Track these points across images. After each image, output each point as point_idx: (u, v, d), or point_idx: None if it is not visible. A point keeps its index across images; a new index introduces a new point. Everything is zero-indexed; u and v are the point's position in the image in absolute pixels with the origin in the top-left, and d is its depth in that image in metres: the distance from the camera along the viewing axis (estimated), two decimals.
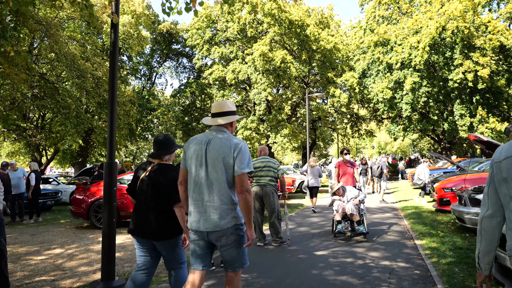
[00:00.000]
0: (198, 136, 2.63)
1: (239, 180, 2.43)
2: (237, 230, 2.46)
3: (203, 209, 2.45)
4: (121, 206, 8.37)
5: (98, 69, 18.68)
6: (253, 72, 22.17)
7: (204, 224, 2.44)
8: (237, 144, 2.48)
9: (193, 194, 2.51)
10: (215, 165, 2.44)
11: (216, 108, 2.66)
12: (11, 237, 7.57)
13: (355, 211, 6.27)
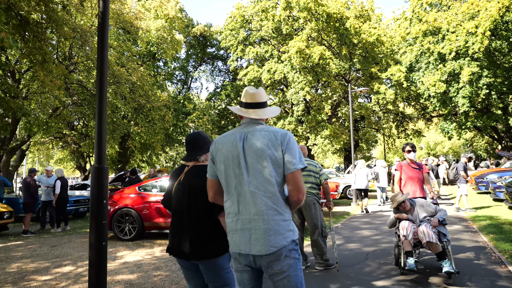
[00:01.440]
0: (227, 134, 2.09)
1: (293, 180, 1.93)
2: (292, 252, 1.93)
3: (248, 225, 1.93)
4: (145, 215, 7.60)
5: (132, 74, 18.49)
6: (289, 71, 21.07)
7: (251, 245, 1.91)
8: (284, 134, 1.99)
9: (232, 208, 1.99)
10: (259, 165, 1.94)
11: (252, 97, 2.11)
12: (30, 249, 7.02)
13: (434, 238, 4.20)
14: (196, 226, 2.29)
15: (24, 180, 9.17)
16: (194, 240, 2.27)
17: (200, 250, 2.26)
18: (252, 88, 2.15)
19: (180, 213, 2.37)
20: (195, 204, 2.32)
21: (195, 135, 2.51)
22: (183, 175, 2.45)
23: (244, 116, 2.11)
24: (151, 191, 7.94)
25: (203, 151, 2.47)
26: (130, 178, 11.76)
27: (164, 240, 7.58)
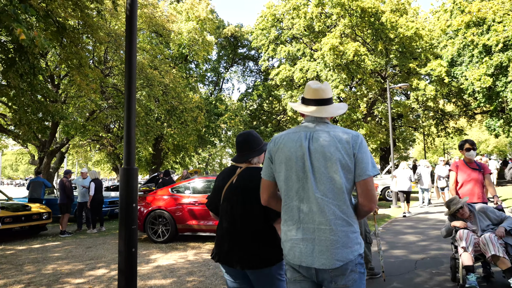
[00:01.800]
0: (289, 132, 1.89)
1: (365, 188, 1.74)
2: (358, 266, 1.73)
3: (311, 235, 1.73)
4: (178, 218, 7.45)
5: (165, 77, 18.67)
6: (322, 69, 20.51)
7: (314, 257, 1.71)
8: (356, 136, 1.79)
9: (291, 215, 1.80)
10: (327, 169, 1.74)
11: (316, 93, 1.90)
12: (66, 250, 7.04)
13: (500, 251, 3.60)
14: (251, 233, 2.12)
15: (60, 181, 9.32)
16: (248, 247, 2.10)
17: (254, 259, 2.08)
18: (316, 83, 1.92)
19: (232, 218, 2.19)
20: (250, 209, 2.15)
21: (248, 135, 2.33)
22: (236, 177, 2.26)
23: (307, 114, 1.89)
24: (183, 193, 7.78)
25: (256, 153, 2.29)
26: (164, 179, 11.77)
27: (197, 243, 7.39)
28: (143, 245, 7.33)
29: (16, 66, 9.87)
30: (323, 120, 1.88)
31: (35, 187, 11.36)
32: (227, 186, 2.27)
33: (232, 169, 2.36)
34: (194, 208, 7.38)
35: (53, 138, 18.14)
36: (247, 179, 2.21)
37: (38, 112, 11.22)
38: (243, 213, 2.15)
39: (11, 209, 8.62)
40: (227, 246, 2.16)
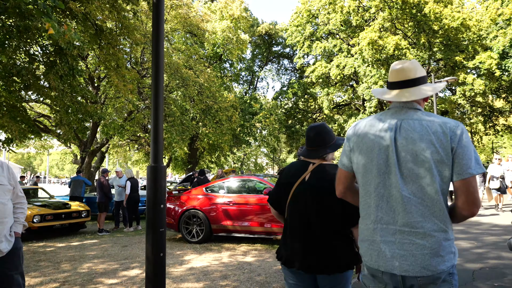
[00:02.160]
0: (372, 119, 1.67)
1: (466, 189, 1.45)
2: (451, 276, 1.49)
3: (392, 237, 1.52)
4: (213, 218, 7.26)
5: (200, 76, 18.73)
6: (360, 65, 19.75)
7: (394, 263, 1.50)
8: (455, 126, 1.49)
9: (367, 212, 1.61)
10: (417, 165, 1.49)
11: (400, 73, 1.62)
12: (103, 248, 7.06)
13: None
14: (328, 235, 1.97)
15: (98, 180, 9.46)
16: (325, 251, 1.95)
17: (331, 263, 1.93)
18: (400, 62, 1.65)
19: (306, 218, 2.02)
20: (327, 210, 1.98)
21: (322, 128, 2.13)
22: (309, 174, 2.07)
23: (392, 101, 1.64)
24: (218, 192, 7.59)
25: (332, 148, 2.10)
26: (198, 178, 11.69)
27: (231, 244, 7.16)
28: (177, 245, 7.20)
29: (56, 68, 10.13)
30: (413, 106, 1.60)
31: (76, 186, 11.68)
32: (297, 183, 2.06)
33: (302, 165, 2.15)
34: (229, 208, 7.16)
35: (93, 138, 18.72)
36: (322, 177, 2.03)
37: (78, 112, 11.50)
38: (319, 214, 1.99)
39: (52, 207, 8.84)
40: (300, 248, 1.99)
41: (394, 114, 1.61)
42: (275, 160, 52.13)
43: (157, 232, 2.57)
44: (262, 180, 7.45)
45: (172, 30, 20.67)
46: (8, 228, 2.64)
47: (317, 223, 1.98)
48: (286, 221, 2.12)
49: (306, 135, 2.17)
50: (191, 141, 22.06)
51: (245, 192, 7.59)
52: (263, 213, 6.85)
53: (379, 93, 1.72)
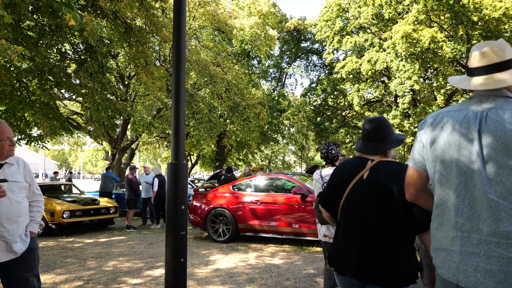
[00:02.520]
0: (450, 110, 1.40)
1: None
2: None
3: (475, 248, 1.26)
4: (239, 217, 7.04)
5: (227, 73, 18.61)
6: (393, 59, 18.95)
7: (487, 280, 1.22)
8: None
9: (445, 217, 1.36)
10: (508, 163, 1.20)
11: (485, 57, 1.35)
12: (129, 245, 7.01)
13: None
14: (391, 241, 1.75)
15: (126, 177, 9.48)
16: (387, 259, 1.74)
17: (394, 274, 1.72)
18: (483, 44, 1.38)
19: (365, 221, 1.81)
20: (390, 213, 1.76)
21: (382, 121, 1.95)
22: (367, 172, 1.87)
23: (475, 90, 1.39)
24: (245, 191, 7.36)
25: (394, 144, 1.90)
26: (226, 176, 11.55)
27: (259, 244, 6.91)
28: (203, 244, 7.04)
29: (86, 66, 10.25)
30: (502, 94, 1.33)
31: (106, 182, 11.82)
32: (354, 182, 1.87)
33: (359, 161, 1.94)
34: (256, 207, 6.92)
35: (124, 136, 19.04)
36: (384, 176, 1.82)
37: (108, 110, 11.63)
38: (378, 217, 1.77)
39: (82, 203, 8.93)
40: (354, 254, 1.79)
41: (477, 103, 1.35)
42: (303, 158, 51.53)
43: (177, 235, 2.35)
44: (291, 179, 7.14)
45: (200, 28, 20.66)
46: (23, 227, 2.50)
47: (375, 227, 1.77)
48: (339, 224, 1.93)
49: (364, 129, 1.98)
50: (218, 138, 22.04)
51: (273, 191, 7.32)
52: (292, 213, 6.55)
53: (457, 82, 1.45)
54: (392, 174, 1.80)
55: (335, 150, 3.40)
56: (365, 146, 1.96)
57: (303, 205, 6.46)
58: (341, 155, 4.45)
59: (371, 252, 1.76)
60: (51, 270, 5.23)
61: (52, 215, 8.39)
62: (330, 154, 3.38)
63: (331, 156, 3.39)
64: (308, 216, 6.39)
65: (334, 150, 3.40)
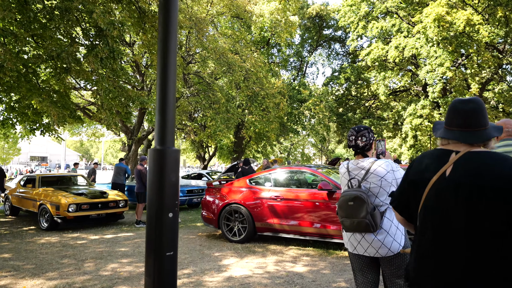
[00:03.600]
0: None
1: None
2: None
3: None
4: (257, 214, 6.26)
5: (246, 61, 17.80)
6: (424, 45, 17.64)
7: None
8: None
9: None
10: None
11: None
12: (135, 244, 6.36)
13: None
14: (480, 256, 1.33)
15: (136, 169, 8.85)
16: (476, 274, 1.33)
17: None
18: None
19: (445, 229, 1.41)
20: (485, 221, 1.33)
21: (480, 103, 1.51)
22: (451, 167, 1.45)
23: None
24: (263, 185, 6.57)
25: (497, 131, 1.48)
26: (243, 168, 10.77)
27: (278, 246, 6.13)
28: (216, 244, 6.31)
29: (96, 50, 9.64)
30: None
31: (118, 173, 11.31)
32: (434, 180, 1.46)
33: (441, 154, 1.52)
34: (276, 204, 6.12)
35: (140, 126, 18.58)
36: (476, 172, 1.39)
37: (119, 97, 11.04)
38: (469, 225, 1.36)
39: (89, 196, 8.37)
40: (432, 268, 1.43)
41: None
42: (323, 150, 50.36)
43: (162, 257, 1.57)
44: (315, 172, 6.29)
45: (218, 14, 19.85)
46: None
47: (463, 238, 1.37)
48: (417, 231, 1.55)
49: (457, 112, 1.51)
50: (237, 129, 21.33)
51: (295, 186, 6.50)
52: (317, 211, 5.73)
53: None
54: (486, 168, 1.37)
55: (367, 136, 2.53)
56: (459, 133, 1.48)
57: (329, 202, 5.62)
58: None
59: (453, 267, 1.37)
60: (43, 273, 4.61)
61: (58, 209, 7.87)
62: (360, 141, 2.53)
63: (362, 144, 2.53)
64: (335, 215, 5.55)
65: (366, 136, 2.53)
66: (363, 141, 2.51)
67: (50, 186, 9.47)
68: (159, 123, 1.65)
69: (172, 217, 1.56)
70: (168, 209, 1.53)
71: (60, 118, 9.78)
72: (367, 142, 2.52)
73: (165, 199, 1.57)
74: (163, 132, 1.64)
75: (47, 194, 8.37)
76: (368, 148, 2.55)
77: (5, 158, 40.07)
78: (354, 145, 2.53)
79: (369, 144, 2.53)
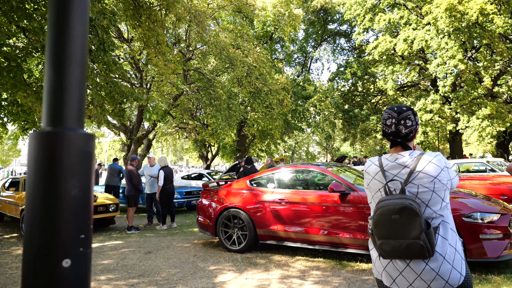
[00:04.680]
0: None
1: None
2: None
3: None
4: (258, 220, 5.49)
5: (248, 56, 17.03)
6: (434, 37, 16.77)
7: None
8: None
9: None
10: None
11: None
12: (121, 255, 5.61)
13: None
14: None
15: (125, 169, 8.11)
16: None
17: None
18: None
19: None
20: None
21: None
22: None
23: None
24: (266, 186, 5.80)
25: None
26: (245, 168, 10.01)
27: (283, 256, 5.35)
28: (213, 255, 5.54)
29: None
30: None
31: (112, 174, 10.62)
32: None
33: None
34: (280, 208, 5.35)
35: (139, 125, 17.89)
36: None
37: (112, 93, 10.32)
38: None
39: None
40: None
41: None
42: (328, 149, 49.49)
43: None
44: (325, 171, 5.50)
45: (219, 8, 19.09)
46: None
47: None
48: None
49: None
50: (239, 127, 20.59)
51: (302, 187, 5.73)
52: (327, 217, 4.95)
53: None
54: None
55: (412, 119, 1.76)
56: None
57: (342, 206, 4.84)
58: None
59: None
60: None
61: None
62: (403, 126, 1.74)
63: (406, 131, 1.75)
64: (349, 221, 4.78)
65: (412, 120, 1.75)
66: (407, 126, 1.73)
67: None
68: (50, 85, 0.87)
69: (70, 266, 0.79)
70: (63, 251, 0.77)
71: None
72: (412, 128, 1.74)
73: (57, 233, 0.79)
74: (57, 101, 0.86)
75: None
76: (412, 137, 1.77)
77: (5, 160, 39.56)
78: (394, 133, 1.75)
79: (414, 130, 1.75)
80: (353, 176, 5.69)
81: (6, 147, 37.78)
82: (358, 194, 4.78)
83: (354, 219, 4.74)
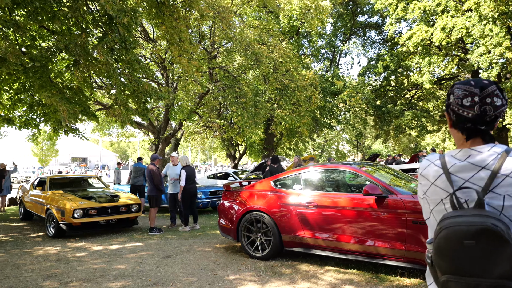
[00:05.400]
0: None
1: None
2: None
3: None
4: (283, 224, 5.00)
5: (274, 51, 16.51)
6: (476, 23, 15.53)
7: None
8: None
9: None
10: None
11: None
12: (138, 259, 5.29)
13: None
14: None
15: (146, 168, 7.84)
16: None
17: None
18: None
19: None
20: None
21: None
22: None
23: None
24: (292, 188, 5.28)
25: None
26: (271, 167, 9.53)
27: (311, 266, 4.83)
28: (234, 262, 5.11)
29: (105, 40, 8.75)
30: None
31: (137, 174, 10.45)
32: None
33: None
34: (308, 212, 4.83)
35: (167, 124, 17.85)
36: None
37: (135, 92, 10.16)
38: None
39: (98, 200, 7.47)
40: None
41: None
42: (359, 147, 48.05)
43: None
44: (358, 171, 4.90)
45: (244, 3, 18.70)
46: None
47: None
48: None
49: None
50: (266, 125, 20.13)
51: (332, 189, 5.18)
52: (361, 223, 4.38)
53: None
54: None
55: (501, 96, 1.21)
56: None
57: (379, 211, 4.26)
58: None
59: None
60: None
61: (63, 214, 7.02)
62: (491, 106, 1.20)
63: (495, 113, 1.21)
64: (386, 228, 4.19)
65: (500, 98, 1.20)
66: (496, 107, 1.20)
67: (61, 189, 8.71)
68: None
69: None
70: None
71: (71, 115, 9.00)
72: (502, 110, 1.20)
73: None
74: None
75: (54, 198, 7.56)
76: (496, 125, 1.23)
77: (44, 160, 41.21)
78: (477, 117, 1.21)
79: (503, 113, 1.21)
80: (389, 176, 5.07)
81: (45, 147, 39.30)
82: (397, 198, 4.18)
83: (393, 226, 4.15)
